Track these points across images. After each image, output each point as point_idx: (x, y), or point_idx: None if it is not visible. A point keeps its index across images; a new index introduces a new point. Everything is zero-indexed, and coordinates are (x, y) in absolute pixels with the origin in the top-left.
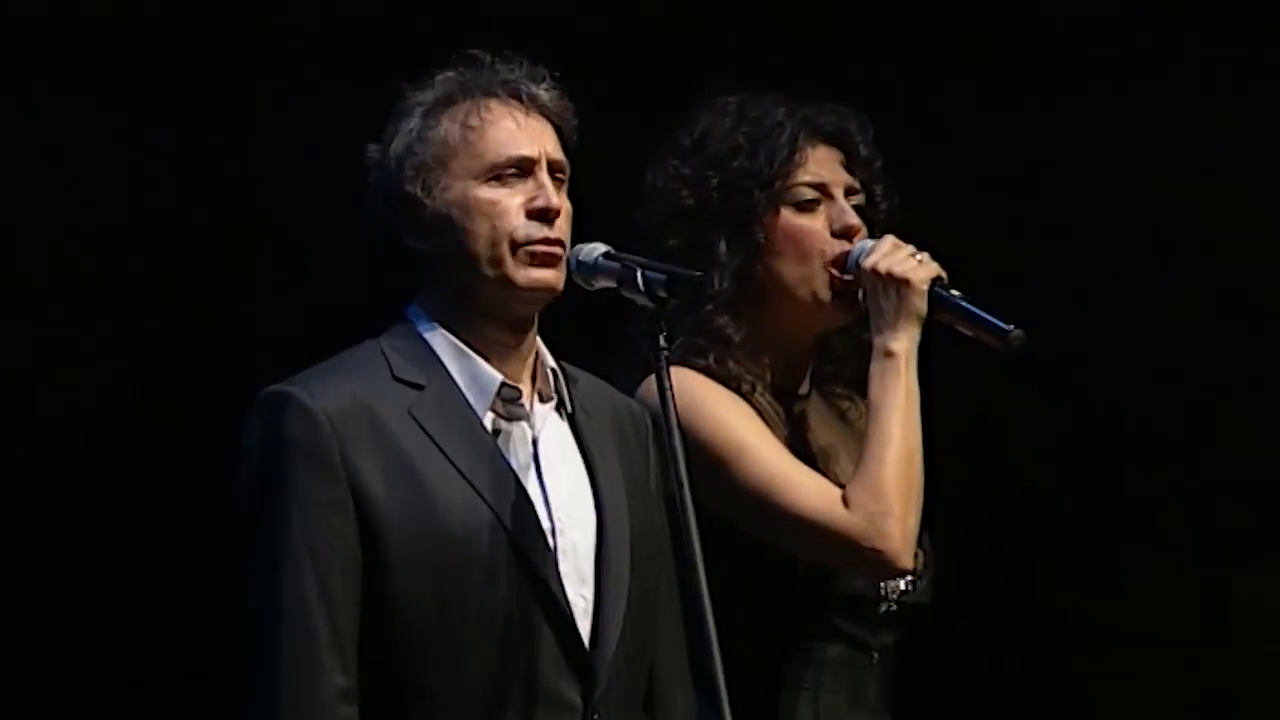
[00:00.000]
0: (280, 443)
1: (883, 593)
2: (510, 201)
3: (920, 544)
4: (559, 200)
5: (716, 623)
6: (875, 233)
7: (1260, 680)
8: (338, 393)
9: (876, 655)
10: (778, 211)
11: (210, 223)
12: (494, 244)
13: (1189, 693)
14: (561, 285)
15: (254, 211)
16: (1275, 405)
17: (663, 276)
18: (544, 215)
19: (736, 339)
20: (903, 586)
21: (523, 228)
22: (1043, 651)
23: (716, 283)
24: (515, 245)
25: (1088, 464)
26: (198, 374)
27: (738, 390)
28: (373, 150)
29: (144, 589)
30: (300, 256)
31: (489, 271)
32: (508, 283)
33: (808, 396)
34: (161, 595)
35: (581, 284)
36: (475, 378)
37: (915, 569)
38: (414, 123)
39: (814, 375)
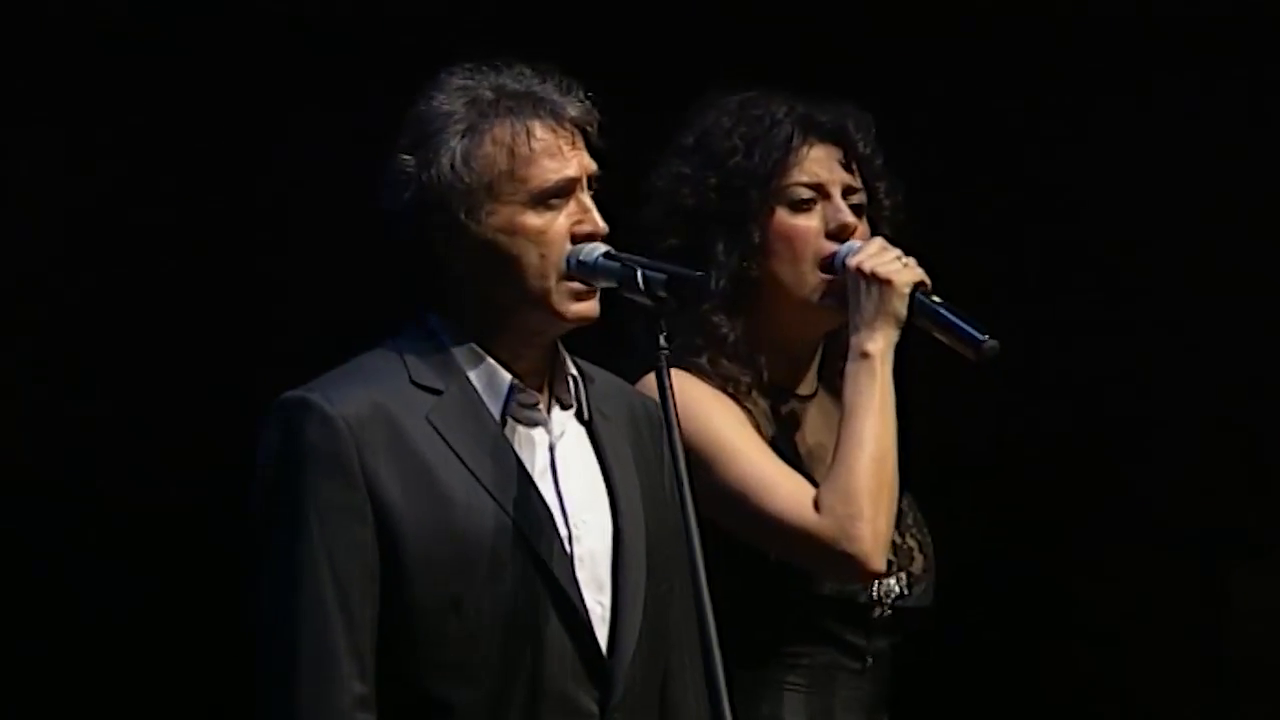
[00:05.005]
0: (299, 449)
1: (876, 597)
2: (556, 227)
3: (920, 548)
4: (603, 222)
5: (715, 621)
6: (879, 230)
7: (1260, 680)
8: (356, 398)
9: (871, 660)
10: (774, 212)
11: (221, 228)
12: (543, 275)
13: (1189, 692)
14: (598, 312)
15: (266, 216)
16: (1275, 404)
17: (663, 276)
18: (590, 240)
19: (731, 338)
20: (897, 590)
21: (569, 254)
22: (1042, 651)
23: (714, 282)
24: (561, 277)
25: (1086, 462)
26: (211, 379)
27: (733, 391)
28: (407, 163)
29: (156, 589)
30: (312, 260)
31: (535, 300)
32: (553, 312)
33: (811, 396)
34: (173, 595)
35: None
36: (493, 383)
37: (913, 572)
38: (454, 142)
39: (823, 374)
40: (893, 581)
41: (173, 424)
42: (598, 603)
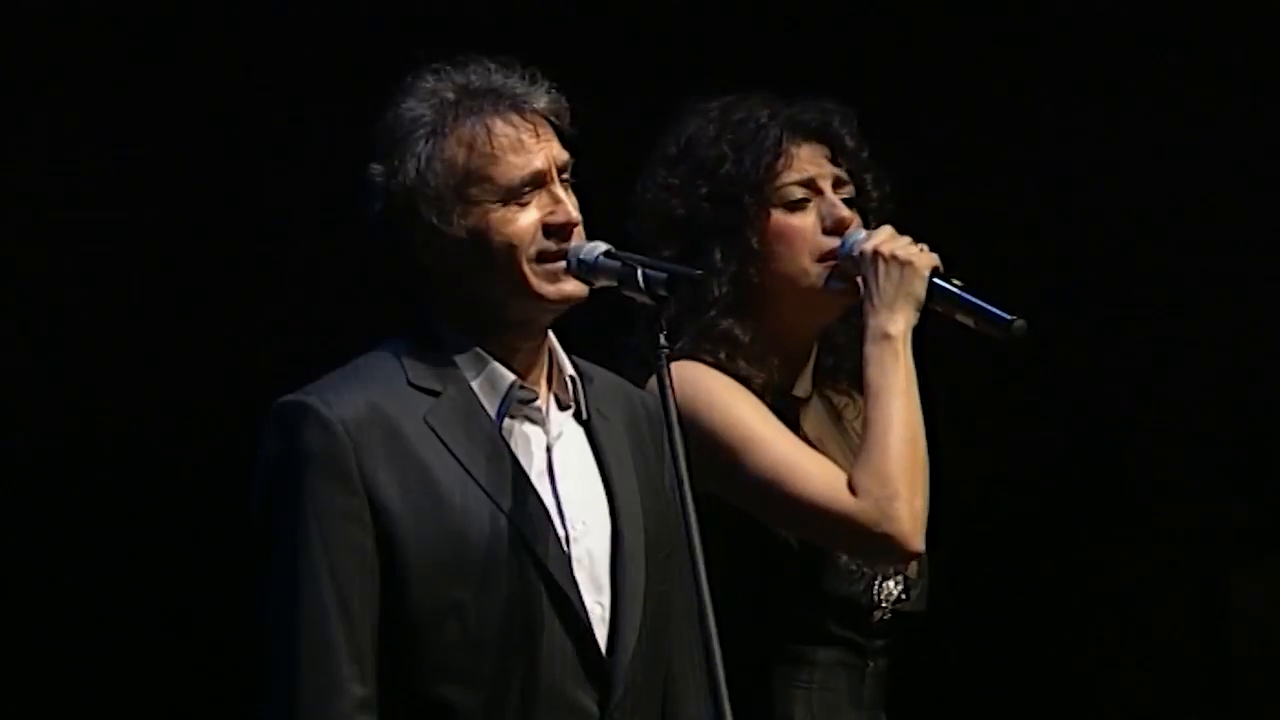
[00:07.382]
0: (297, 454)
1: (876, 600)
2: (527, 220)
3: None
4: (576, 212)
5: (716, 620)
6: (869, 222)
7: (1260, 680)
8: (354, 402)
9: (871, 662)
10: (769, 214)
11: (217, 232)
12: (515, 263)
13: (1189, 693)
14: (587, 291)
15: (261, 220)
16: (1275, 403)
17: (663, 275)
18: (562, 231)
19: (746, 340)
20: (896, 593)
21: (540, 245)
22: (1042, 652)
23: (716, 289)
24: (534, 263)
25: (1086, 462)
26: (209, 386)
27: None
28: (377, 173)
29: (160, 596)
30: (307, 262)
31: (515, 289)
32: (536, 296)
33: (807, 399)
34: (177, 603)
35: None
36: (491, 382)
37: (909, 575)
38: (420, 147)
39: (815, 374)
40: (891, 584)
41: (172, 427)
42: (597, 603)
